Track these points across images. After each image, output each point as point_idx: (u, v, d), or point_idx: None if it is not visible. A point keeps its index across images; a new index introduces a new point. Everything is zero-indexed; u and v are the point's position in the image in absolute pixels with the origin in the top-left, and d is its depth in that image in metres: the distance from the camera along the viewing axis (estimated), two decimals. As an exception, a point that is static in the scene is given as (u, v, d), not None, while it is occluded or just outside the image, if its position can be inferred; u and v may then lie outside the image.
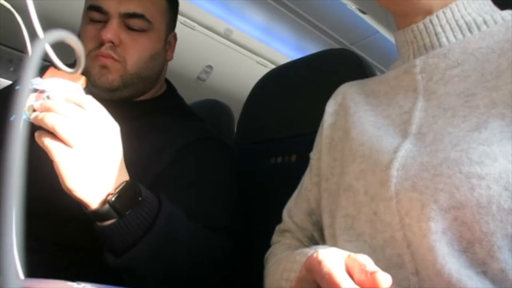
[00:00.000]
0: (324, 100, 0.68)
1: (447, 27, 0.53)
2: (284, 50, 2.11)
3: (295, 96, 0.96)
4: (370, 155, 0.52)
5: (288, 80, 1.01)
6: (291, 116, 0.95)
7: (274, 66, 1.23)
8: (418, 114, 0.51)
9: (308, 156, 0.68)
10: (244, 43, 2.00)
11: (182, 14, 1.72)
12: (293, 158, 0.91)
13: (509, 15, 0.53)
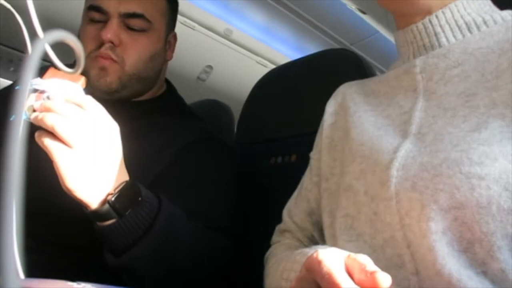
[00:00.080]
0: (324, 100, 0.68)
1: (446, 27, 0.53)
2: (284, 50, 2.11)
3: (295, 96, 0.96)
4: (370, 155, 0.52)
5: (288, 80, 1.01)
6: (291, 116, 0.95)
7: (274, 66, 1.22)
8: (418, 114, 0.51)
9: (308, 156, 0.68)
10: (244, 43, 2.00)
11: (182, 14, 1.72)
12: (293, 158, 0.91)
13: (509, 15, 0.53)
